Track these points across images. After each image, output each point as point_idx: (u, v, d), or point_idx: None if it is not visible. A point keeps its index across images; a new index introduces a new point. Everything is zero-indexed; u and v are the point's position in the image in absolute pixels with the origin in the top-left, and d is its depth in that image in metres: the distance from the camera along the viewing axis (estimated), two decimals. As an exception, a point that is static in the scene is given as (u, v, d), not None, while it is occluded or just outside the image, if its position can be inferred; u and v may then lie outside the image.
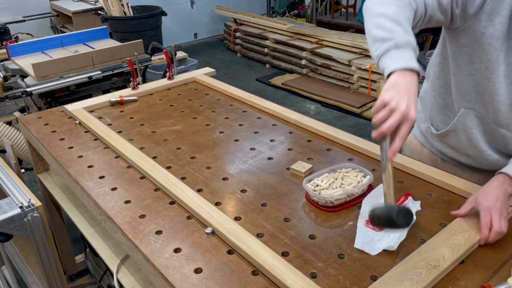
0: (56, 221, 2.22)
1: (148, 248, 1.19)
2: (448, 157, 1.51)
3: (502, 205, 1.14)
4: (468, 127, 1.35)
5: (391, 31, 1.08)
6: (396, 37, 1.07)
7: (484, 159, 1.39)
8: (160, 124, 1.87)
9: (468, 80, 1.29)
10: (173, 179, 1.44)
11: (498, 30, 1.15)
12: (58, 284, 1.57)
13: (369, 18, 1.16)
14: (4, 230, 1.37)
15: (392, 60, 1.05)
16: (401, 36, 1.07)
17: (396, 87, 1.01)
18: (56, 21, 5.44)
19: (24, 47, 2.86)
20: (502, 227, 1.12)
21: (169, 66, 2.31)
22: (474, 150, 1.39)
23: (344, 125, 4.22)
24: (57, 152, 1.68)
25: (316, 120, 1.81)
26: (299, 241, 1.19)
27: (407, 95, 1.00)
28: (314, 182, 1.37)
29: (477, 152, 1.39)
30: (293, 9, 7.02)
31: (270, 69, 5.76)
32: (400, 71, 1.03)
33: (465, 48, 1.24)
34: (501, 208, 1.14)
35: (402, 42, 1.07)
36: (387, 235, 1.17)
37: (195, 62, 4.59)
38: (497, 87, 1.21)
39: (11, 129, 2.52)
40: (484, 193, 1.18)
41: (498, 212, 1.13)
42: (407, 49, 1.07)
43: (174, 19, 6.42)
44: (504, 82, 1.20)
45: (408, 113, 0.98)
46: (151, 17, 4.48)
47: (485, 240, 1.13)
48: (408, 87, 1.01)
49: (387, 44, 1.07)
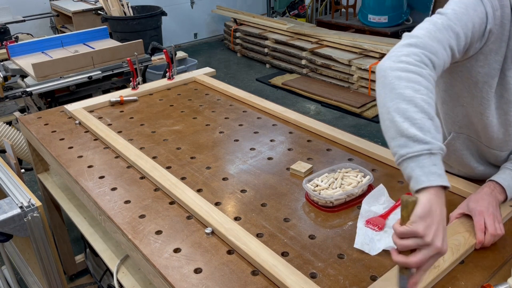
0: (56, 221, 2.22)
1: (148, 248, 1.19)
2: None
3: (495, 209, 1.14)
4: (459, 149, 1.35)
5: (423, 129, 0.92)
6: (430, 140, 0.91)
7: (474, 174, 1.40)
8: (160, 124, 1.87)
9: (460, 110, 1.27)
10: (173, 179, 1.44)
11: (495, 68, 1.13)
12: (58, 284, 1.57)
13: (389, 94, 0.97)
14: (4, 230, 1.37)
15: (424, 171, 0.90)
16: (435, 138, 0.91)
17: (431, 216, 0.86)
18: (56, 21, 5.44)
19: (24, 47, 2.86)
20: (497, 229, 1.12)
21: (169, 66, 2.31)
22: (464, 167, 1.40)
23: (344, 125, 4.22)
24: (57, 152, 1.68)
25: (316, 120, 1.81)
26: (299, 241, 1.19)
27: (442, 227, 0.87)
28: (314, 182, 1.37)
29: (468, 169, 1.40)
30: (293, 9, 7.01)
31: (270, 69, 5.75)
32: (434, 191, 0.88)
33: (457, 82, 1.21)
34: (494, 212, 1.14)
35: (437, 148, 0.91)
36: (387, 235, 1.17)
37: (195, 62, 4.59)
38: (490, 120, 1.21)
39: (11, 129, 2.52)
40: (476, 200, 1.18)
41: (491, 216, 1.13)
42: (439, 157, 0.92)
43: (174, 19, 6.42)
44: (496, 113, 1.20)
45: (441, 248, 0.86)
46: (151, 17, 4.48)
47: (481, 243, 1.12)
48: (443, 216, 0.88)
49: (419, 147, 0.91)
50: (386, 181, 1.41)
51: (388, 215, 1.23)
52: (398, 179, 1.45)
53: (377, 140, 3.90)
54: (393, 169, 1.50)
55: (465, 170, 1.41)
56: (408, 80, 0.96)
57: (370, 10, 5.61)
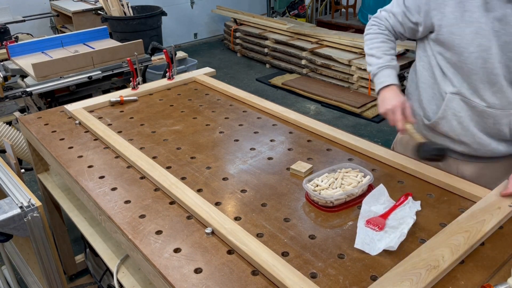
0: (56, 221, 2.22)
1: (148, 248, 1.19)
2: None
3: None
4: (457, 111, 1.44)
5: (378, 58, 1.56)
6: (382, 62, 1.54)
7: (477, 144, 1.46)
8: (160, 124, 1.87)
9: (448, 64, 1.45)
10: (173, 179, 1.44)
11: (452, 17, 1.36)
12: (58, 284, 1.57)
13: (365, 50, 1.64)
14: (4, 230, 1.37)
15: (379, 80, 1.51)
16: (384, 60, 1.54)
17: (385, 100, 1.46)
18: (56, 21, 5.44)
19: (24, 47, 2.85)
20: None
21: (169, 66, 2.31)
22: (466, 135, 1.46)
23: (344, 125, 4.22)
24: (57, 152, 1.68)
25: (316, 120, 1.82)
26: (299, 241, 1.19)
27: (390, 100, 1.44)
28: (314, 182, 1.37)
29: (469, 137, 1.46)
30: (293, 9, 7.02)
31: (270, 69, 5.76)
32: (383, 89, 1.49)
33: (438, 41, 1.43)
34: None
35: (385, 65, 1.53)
36: (387, 235, 1.17)
37: (195, 62, 4.59)
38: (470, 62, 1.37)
39: (11, 129, 2.52)
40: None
41: None
42: (383, 71, 1.52)
43: (174, 19, 6.42)
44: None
45: (400, 103, 1.41)
46: (151, 17, 4.47)
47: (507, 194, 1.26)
48: (395, 100, 1.43)
49: (374, 68, 1.55)
50: (386, 181, 1.41)
51: (388, 215, 1.23)
52: (398, 179, 1.45)
53: (377, 140, 3.89)
54: (393, 169, 1.50)
55: (467, 139, 1.47)
56: (368, 45, 1.63)
57: (370, 10, 5.61)
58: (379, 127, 4.18)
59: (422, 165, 1.48)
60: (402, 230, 1.17)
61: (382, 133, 4.07)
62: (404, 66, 4.52)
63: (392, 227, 1.19)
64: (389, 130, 4.10)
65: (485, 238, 1.17)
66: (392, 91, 1.46)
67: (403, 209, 1.26)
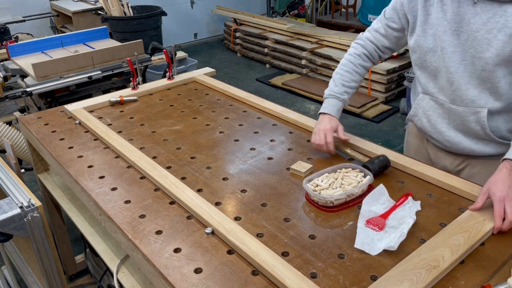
0: (56, 221, 2.22)
1: (148, 248, 1.19)
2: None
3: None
4: (426, 109, 1.51)
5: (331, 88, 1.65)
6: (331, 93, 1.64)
7: (446, 141, 1.50)
8: (160, 124, 1.87)
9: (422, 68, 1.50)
10: (173, 179, 1.44)
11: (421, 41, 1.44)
12: (58, 284, 1.57)
13: (334, 71, 1.70)
14: (4, 230, 1.37)
15: (323, 105, 1.64)
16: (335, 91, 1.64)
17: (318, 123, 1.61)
18: (56, 21, 5.44)
19: (24, 47, 2.86)
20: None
21: (169, 66, 2.31)
22: (434, 133, 1.52)
23: (344, 125, 4.19)
24: (57, 152, 1.68)
25: (316, 120, 1.81)
26: (299, 241, 1.19)
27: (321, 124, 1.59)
28: (314, 182, 1.37)
29: (438, 135, 1.52)
30: (293, 9, 7.01)
31: (270, 69, 5.76)
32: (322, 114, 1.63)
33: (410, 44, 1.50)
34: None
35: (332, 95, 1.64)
36: (387, 235, 1.17)
37: (195, 62, 4.60)
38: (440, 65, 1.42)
39: (11, 129, 2.52)
40: (496, 183, 1.21)
41: (511, 202, 1.17)
42: (333, 100, 1.63)
43: (174, 19, 6.42)
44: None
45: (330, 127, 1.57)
46: (151, 17, 4.48)
47: (498, 229, 1.17)
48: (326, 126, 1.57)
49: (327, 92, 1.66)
50: (386, 181, 1.41)
51: (388, 215, 1.23)
52: (398, 179, 1.45)
53: (377, 140, 3.90)
54: (393, 169, 1.50)
55: (436, 136, 1.52)
56: (340, 63, 1.70)
57: (370, 10, 5.61)
58: (379, 127, 4.18)
59: (422, 165, 1.48)
60: (402, 230, 1.17)
61: (382, 133, 4.08)
62: (404, 66, 4.53)
63: (392, 227, 1.19)
64: (389, 130, 4.11)
65: (485, 238, 1.17)
66: (327, 118, 1.59)
67: (403, 209, 1.26)
